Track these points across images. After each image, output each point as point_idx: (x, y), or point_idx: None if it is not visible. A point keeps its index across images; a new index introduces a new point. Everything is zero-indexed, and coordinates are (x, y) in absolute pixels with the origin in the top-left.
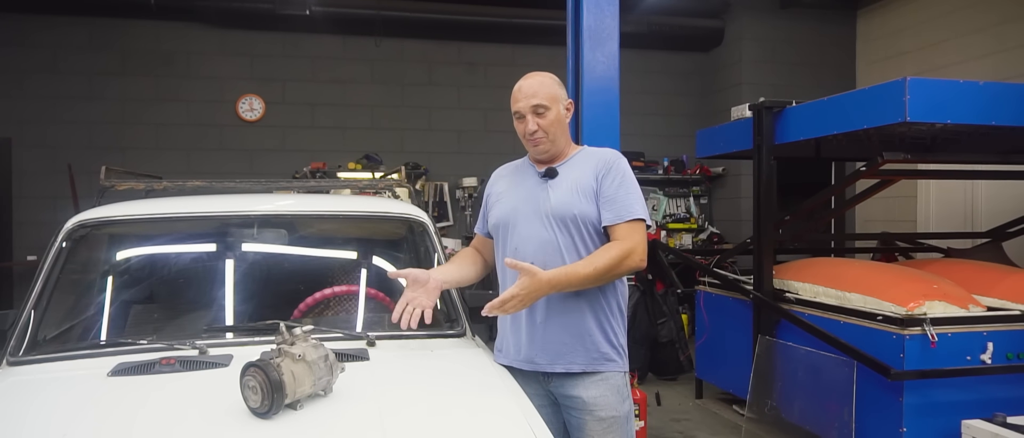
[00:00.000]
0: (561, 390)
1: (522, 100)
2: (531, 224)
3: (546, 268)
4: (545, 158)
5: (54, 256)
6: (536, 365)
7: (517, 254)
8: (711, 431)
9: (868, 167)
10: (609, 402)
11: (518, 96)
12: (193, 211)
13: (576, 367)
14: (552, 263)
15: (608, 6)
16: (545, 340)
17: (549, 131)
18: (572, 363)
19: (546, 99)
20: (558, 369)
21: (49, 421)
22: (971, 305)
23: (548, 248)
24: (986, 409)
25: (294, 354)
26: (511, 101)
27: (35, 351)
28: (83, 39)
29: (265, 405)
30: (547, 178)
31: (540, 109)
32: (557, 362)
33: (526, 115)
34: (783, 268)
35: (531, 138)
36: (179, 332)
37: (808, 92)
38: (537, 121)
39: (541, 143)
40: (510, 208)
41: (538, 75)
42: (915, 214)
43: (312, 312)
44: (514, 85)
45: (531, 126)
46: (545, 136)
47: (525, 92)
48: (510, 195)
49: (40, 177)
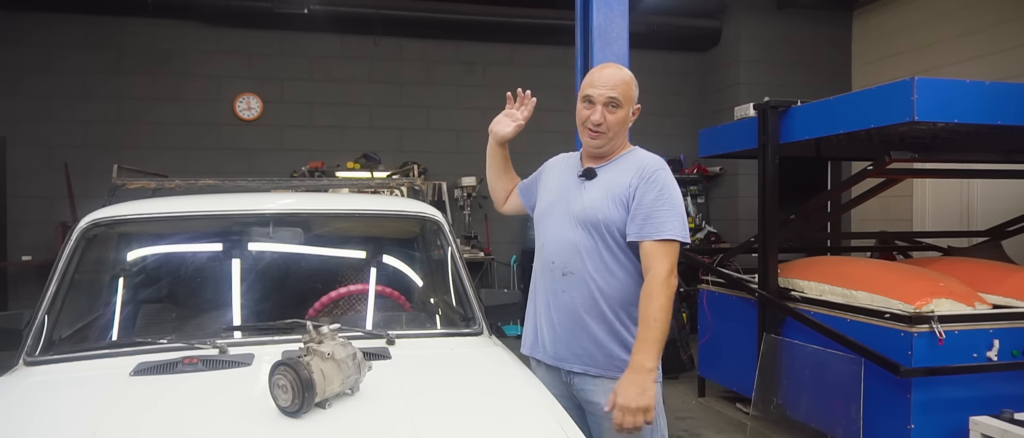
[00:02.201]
0: (582, 394)
1: (599, 87)
2: (559, 223)
3: (568, 269)
4: (597, 153)
5: (69, 255)
6: (561, 361)
7: (544, 250)
8: (716, 429)
9: (875, 166)
10: None
11: (596, 82)
12: (208, 210)
13: (593, 370)
14: (573, 264)
15: (618, 5)
16: (569, 339)
17: (612, 129)
18: (590, 365)
19: (622, 96)
20: (577, 369)
21: (77, 421)
22: (977, 303)
23: (569, 249)
24: (993, 406)
25: (323, 353)
26: (584, 83)
27: (52, 351)
28: (78, 37)
29: (296, 404)
30: (584, 178)
31: (614, 104)
32: (576, 362)
33: (598, 104)
34: (787, 266)
35: (593, 129)
36: (198, 331)
37: (805, 92)
38: (606, 114)
39: (600, 138)
40: (547, 203)
41: (621, 68)
42: (911, 213)
43: (328, 311)
44: (513, 84)
45: (597, 117)
46: (606, 133)
47: (605, 81)
48: (552, 189)
49: (35, 176)
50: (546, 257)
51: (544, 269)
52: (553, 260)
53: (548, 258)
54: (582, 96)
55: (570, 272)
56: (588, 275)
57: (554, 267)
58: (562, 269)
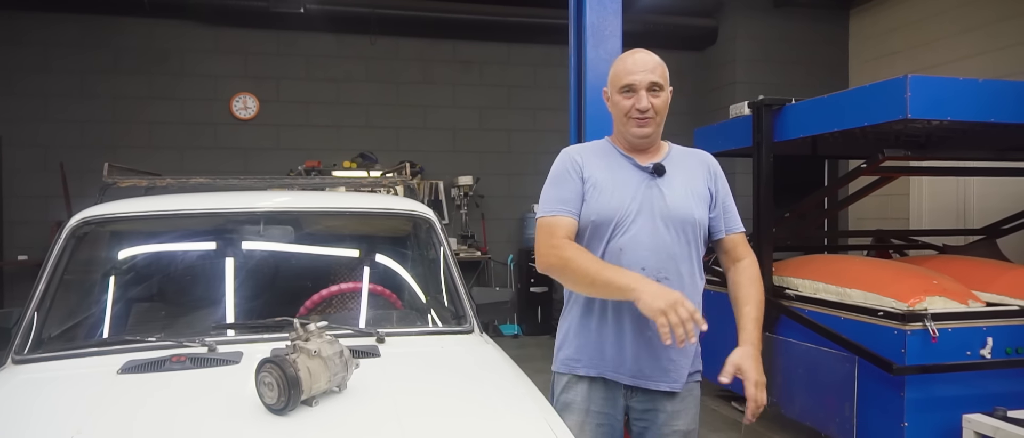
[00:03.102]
0: (647, 404)
1: (639, 74)
2: (642, 224)
3: (659, 273)
4: (643, 145)
5: (58, 253)
6: (640, 380)
7: (623, 256)
8: (711, 427)
9: (869, 164)
10: (692, 415)
11: (632, 68)
12: (199, 208)
13: (664, 386)
14: (665, 268)
15: (611, 3)
16: (654, 355)
17: (660, 113)
18: (675, 382)
19: (662, 78)
20: (663, 387)
21: (63, 419)
22: (970, 301)
23: (662, 253)
24: (986, 403)
25: (310, 350)
26: (617, 73)
27: (41, 349)
28: (75, 37)
29: (281, 401)
30: (655, 175)
31: (656, 87)
32: (663, 379)
33: (640, 91)
34: (782, 265)
35: (641, 117)
36: (186, 329)
37: (801, 90)
38: (652, 99)
39: (649, 125)
40: (616, 204)
41: (650, 52)
42: (908, 211)
43: (319, 309)
44: (510, 83)
45: (644, 103)
46: (655, 118)
47: (642, 65)
48: (610, 186)
49: (31, 176)
50: (629, 263)
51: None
52: (643, 266)
53: (634, 264)
54: (620, 86)
55: (666, 277)
56: (684, 280)
57: (646, 273)
58: (656, 275)
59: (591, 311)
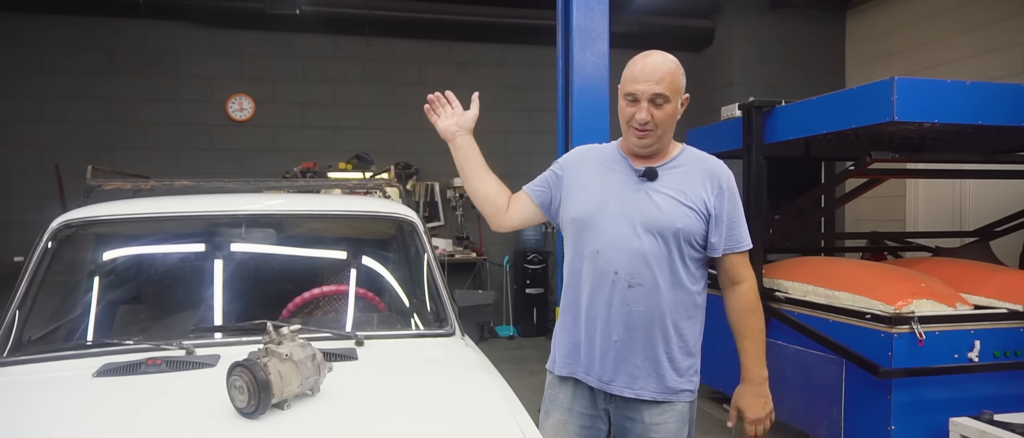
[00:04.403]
0: (623, 411)
1: (642, 83)
2: (618, 227)
3: (633, 279)
4: (645, 153)
5: (39, 256)
6: (604, 384)
7: (599, 258)
8: (702, 430)
9: (857, 166)
10: (669, 430)
11: (638, 76)
12: (180, 211)
13: (646, 395)
14: (639, 274)
15: (598, 5)
16: (619, 361)
17: (661, 126)
18: (642, 390)
19: (669, 89)
20: (627, 394)
21: (33, 422)
22: (959, 303)
23: (637, 258)
24: (973, 407)
25: (281, 354)
26: (625, 79)
27: (20, 352)
28: (71, 38)
29: (252, 405)
30: (645, 179)
31: (660, 100)
32: (627, 387)
33: (641, 101)
34: (772, 267)
35: (639, 129)
36: (166, 332)
37: (798, 92)
38: (652, 112)
39: (648, 137)
40: (594, 204)
41: (664, 56)
42: (904, 213)
43: (301, 312)
44: (506, 84)
45: (643, 116)
46: (655, 131)
47: (648, 74)
48: (596, 188)
49: (27, 177)
50: (603, 265)
51: (601, 279)
52: (616, 269)
53: (607, 267)
54: (625, 92)
55: (639, 283)
56: (657, 287)
57: (618, 278)
58: (628, 280)
59: (568, 309)
